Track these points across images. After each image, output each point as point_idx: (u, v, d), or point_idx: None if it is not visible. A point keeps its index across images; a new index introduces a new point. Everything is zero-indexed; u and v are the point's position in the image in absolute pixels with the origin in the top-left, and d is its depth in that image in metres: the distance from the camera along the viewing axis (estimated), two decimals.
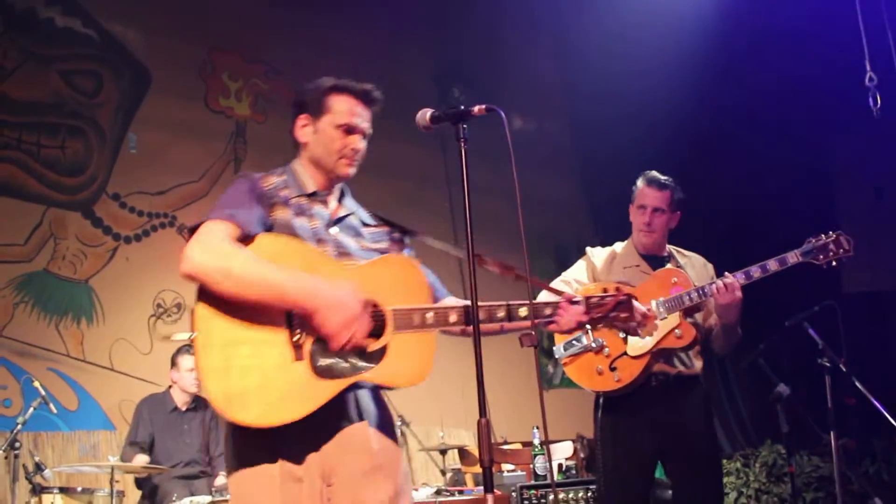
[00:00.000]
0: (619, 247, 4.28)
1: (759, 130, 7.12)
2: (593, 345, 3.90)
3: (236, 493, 2.52)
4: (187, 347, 6.05)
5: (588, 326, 3.89)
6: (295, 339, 2.42)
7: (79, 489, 5.18)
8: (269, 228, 2.55)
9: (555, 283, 4.09)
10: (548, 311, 2.76)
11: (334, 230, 2.65)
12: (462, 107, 2.50)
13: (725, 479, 7.18)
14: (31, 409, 5.26)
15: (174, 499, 5.10)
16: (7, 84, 6.46)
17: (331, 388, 2.43)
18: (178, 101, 7.17)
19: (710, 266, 4.26)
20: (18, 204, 6.37)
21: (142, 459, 5.64)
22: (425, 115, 2.57)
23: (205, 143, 7.29)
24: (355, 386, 2.51)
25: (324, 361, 2.43)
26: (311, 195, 2.67)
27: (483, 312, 2.59)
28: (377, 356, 2.49)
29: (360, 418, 2.57)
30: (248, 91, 7.59)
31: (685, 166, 6.31)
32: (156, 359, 6.50)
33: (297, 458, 2.46)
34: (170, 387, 6.06)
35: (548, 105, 9.01)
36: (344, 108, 2.68)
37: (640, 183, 4.21)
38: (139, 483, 5.85)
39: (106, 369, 6.47)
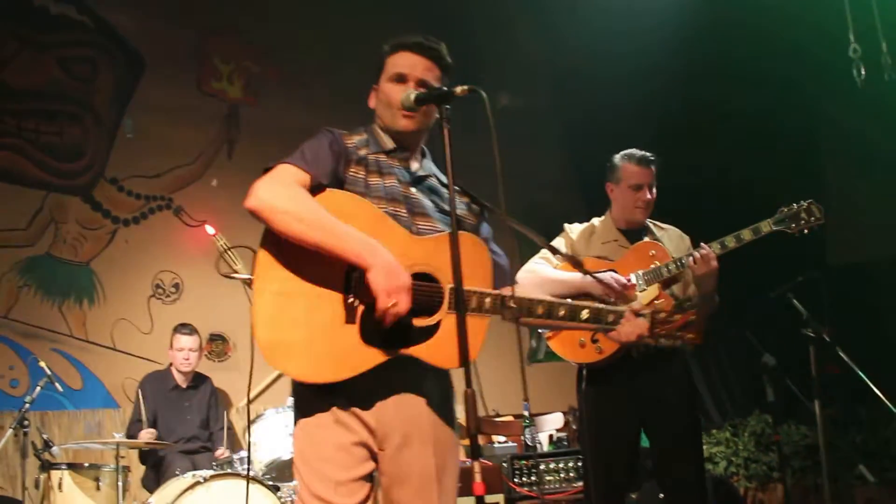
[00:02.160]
0: (597, 221, 4.33)
1: (747, 101, 7.15)
2: None
3: (297, 442, 2.55)
4: (181, 326, 6.19)
5: (569, 300, 3.99)
6: (349, 301, 2.42)
7: (86, 465, 5.29)
8: (340, 184, 2.55)
9: (535, 259, 4.18)
10: (610, 319, 2.77)
11: (413, 190, 2.65)
12: (445, 88, 2.52)
13: (715, 449, 7.27)
14: (38, 389, 5.40)
15: (177, 472, 5.23)
16: (5, 72, 6.58)
17: (375, 356, 2.41)
18: (172, 85, 7.25)
19: (686, 238, 4.31)
20: (19, 190, 6.52)
21: (149, 433, 5.76)
22: (409, 96, 2.60)
23: (199, 127, 7.37)
24: (415, 359, 2.48)
25: (374, 329, 2.41)
26: (391, 152, 2.68)
27: (542, 307, 2.64)
28: (428, 332, 2.46)
29: (419, 391, 2.55)
30: (239, 73, 7.66)
31: (672, 137, 6.37)
32: (156, 338, 6.65)
33: (352, 415, 2.48)
34: (170, 365, 6.20)
35: (534, 80, 9.01)
36: (395, 62, 2.70)
37: (625, 162, 4.23)
38: (143, 458, 5.99)
39: (108, 349, 6.63)
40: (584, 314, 2.72)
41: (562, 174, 8.95)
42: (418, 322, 2.46)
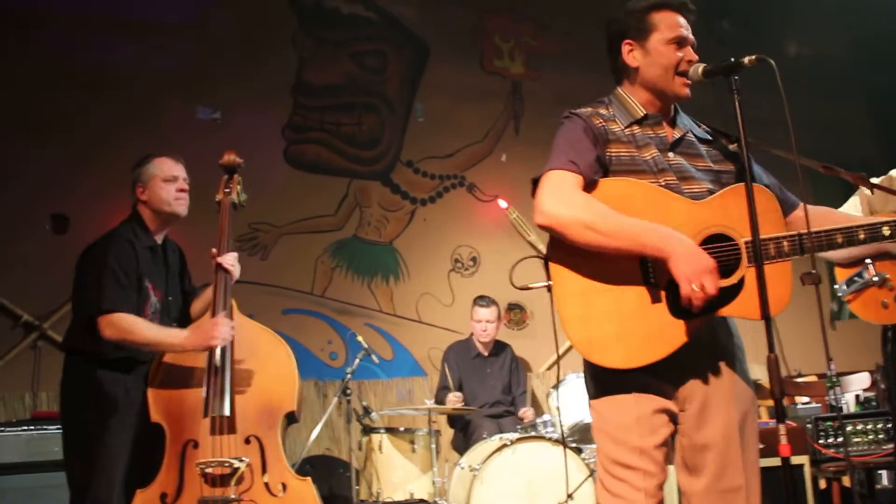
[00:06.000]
0: (895, 173, 4.03)
1: None
2: (875, 279, 3.75)
3: (596, 413, 2.61)
4: (479, 299, 6.46)
5: (868, 261, 3.80)
6: (651, 282, 2.46)
7: (401, 429, 5.65)
8: (606, 167, 2.57)
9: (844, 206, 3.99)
10: None
11: (672, 154, 2.63)
12: (733, 59, 2.49)
13: None
14: (357, 361, 5.84)
15: (484, 436, 5.51)
16: (306, 72, 7.16)
17: (690, 326, 2.44)
18: (456, 67, 7.57)
19: None
20: (327, 179, 7.10)
21: (456, 397, 6.07)
22: (697, 69, 2.59)
23: (484, 105, 7.65)
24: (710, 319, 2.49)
25: (682, 300, 2.40)
26: (642, 120, 2.65)
27: (841, 236, 2.58)
28: (734, 290, 2.46)
29: (717, 351, 2.58)
30: (520, 50, 7.86)
31: None
32: (457, 309, 7.03)
33: (653, 382, 2.51)
34: (472, 334, 6.51)
35: (827, 25, 8.53)
36: (669, 22, 2.64)
37: None
38: (451, 422, 6.35)
39: (414, 322, 7.09)
40: (886, 230, 2.63)
41: (859, 120, 8.43)
42: (722, 282, 2.45)
